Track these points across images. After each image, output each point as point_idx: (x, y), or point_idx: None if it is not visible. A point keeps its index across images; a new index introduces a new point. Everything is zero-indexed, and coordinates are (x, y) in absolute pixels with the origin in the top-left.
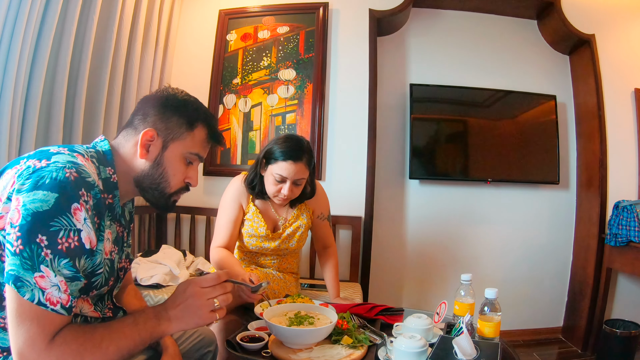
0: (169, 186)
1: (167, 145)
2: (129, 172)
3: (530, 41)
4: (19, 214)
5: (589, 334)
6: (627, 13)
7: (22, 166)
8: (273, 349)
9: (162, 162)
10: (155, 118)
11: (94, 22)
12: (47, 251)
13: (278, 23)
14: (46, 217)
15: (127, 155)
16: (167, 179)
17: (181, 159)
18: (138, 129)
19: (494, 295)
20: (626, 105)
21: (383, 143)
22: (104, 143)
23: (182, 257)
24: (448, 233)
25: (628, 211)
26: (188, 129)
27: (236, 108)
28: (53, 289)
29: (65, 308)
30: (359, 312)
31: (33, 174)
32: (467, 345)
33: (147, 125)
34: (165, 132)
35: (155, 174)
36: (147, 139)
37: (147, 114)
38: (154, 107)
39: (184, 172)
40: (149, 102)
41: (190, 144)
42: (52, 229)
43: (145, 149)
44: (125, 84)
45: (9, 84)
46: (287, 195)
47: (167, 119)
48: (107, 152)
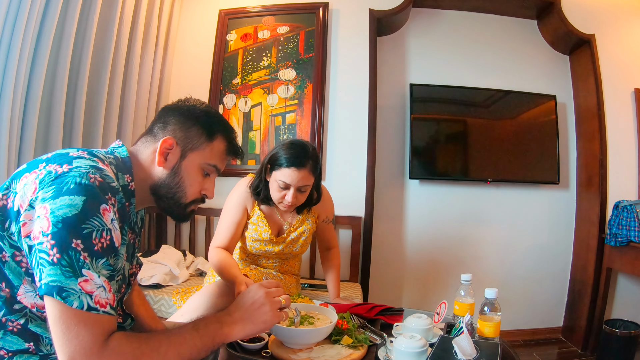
0: (184, 196)
1: (186, 155)
2: (145, 180)
3: (530, 41)
4: (48, 222)
5: (589, 334)
6: (627, 13)
7: (42, 171)
8: (273, 349)
9: (180, 171)
10: (175, 127)
11: (94, 22)
12: (85, 254)
13: (278, 23)
14: (77, 220)
15: (144, 163)
16: (183, 189)
17: (199, 170)
18: (157, 136)
19: (494, 295)
20: (626, 105)
21: (383, 143)
22: (122, 149)
23: (182, 257)
24: (448, 233)
25: (628, 211)
26: (207, 139)
27: (236, 108)
28: (99, 290)
29: (113, 308)
30: (359, 312)
31: (55, 180)
32: (467, 345)
33: (166, 133)
34: (185, 142)
35: (172, 183)
36: (166, 147)
37: (167, 123)
38: (174, 116)
39: (201, 182)
40: (169, 111)
41: (208, 155)
42: (84, 231)
43: (164, 157)
44: (125, 84)
45: (9, 84)
46: (292, 202)
47: (187, 128)
48: (125, 159)
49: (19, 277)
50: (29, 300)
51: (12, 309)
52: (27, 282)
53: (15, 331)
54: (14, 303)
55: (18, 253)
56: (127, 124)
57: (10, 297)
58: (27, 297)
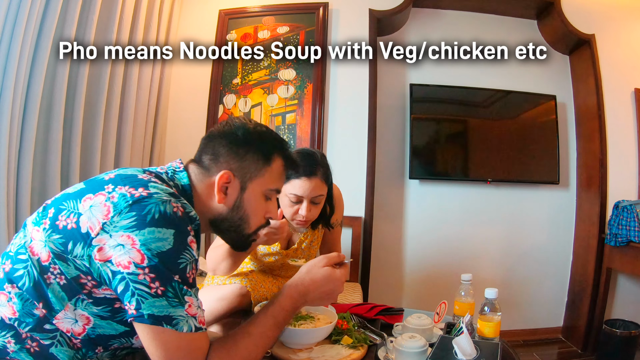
0: (248, 227)
1: (246, 187)
2: (204, 213)
3: (530, 41)
4: (142, 255)
5: (589, 334)
6: (627, 13)
7: (114, 194)
8: (273, 349)
9: (242, 204)
10: (228, 157)
11: (94, 22)
12: (185, 285)
13: (278, 23)
14: (172, 255)
15: (202, 196)
16: (247, 221)
17: (261, 197)
18: (211, 170)
19: (494, 295)
20: (626, 105)
21: (383, 143)
22: (183, 175)
23: None
24: (448, 233)
25: (628, 211)
26: (265, 164)
27: (236, 108)
28: (199, 310)
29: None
30: (359, 312)
31: (134, 205)
32: (467, 345)
33: (220, 167)
34: (242, 172)
35: (235, 217)
36: (224, 182)
37: (218, 154)
38: (224, 146)
39: (264, 208)
40: (217, 139)
41: (269, 180)
42: (181, 266)
43: (223, 193)
44: (126, 84)
45: (9, 84)
46: (306, 216)
47: (241, 157)
48: (186, 187)
49: (62, 302)
50: (66, 326)
51: (42, 328)
52: (69, 309)
53: (32, 351)
54: (45, 323)
55: (84, 276)
56: (128, 124)
57: (44, 317)
58: (65, 322)
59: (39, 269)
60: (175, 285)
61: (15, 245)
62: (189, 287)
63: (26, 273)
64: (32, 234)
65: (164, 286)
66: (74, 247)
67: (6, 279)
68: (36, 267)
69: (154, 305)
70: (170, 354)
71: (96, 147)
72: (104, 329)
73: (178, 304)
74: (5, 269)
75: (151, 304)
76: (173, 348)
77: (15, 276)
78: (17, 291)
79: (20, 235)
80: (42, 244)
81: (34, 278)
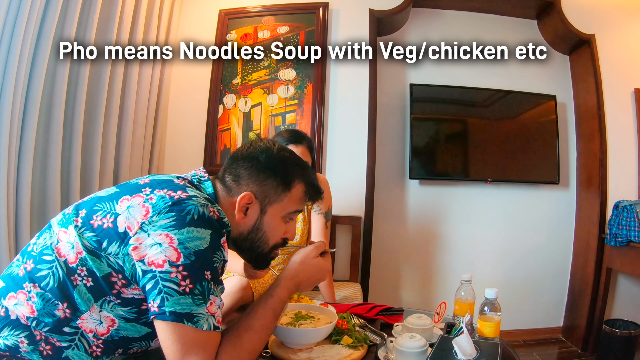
0: (267, 247)
1: (266, 210)
2: None
3: (530, 41)
4: (178, 253)
5: (589, 334)
6: (627, 13)
7: (152, 196)
8: (273, 349)
9: (262, 226)
10: (250, 180)
11: (94, 22)
12: (212, 283)
13: (278, 23)
14: (207, 254)
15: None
16: (267, 242)
17: (281, 220)
18: (232, 190)
19: (494, 295)
20: (626, 105)
21: (383, 143)
22: (207, 184)
23: None
24: (448, 233)
25: (628, 211)
26: (285, 189)
27: (236, 108)
28: (218, 310)
29: None
30: (359, 312)
31: (174, 206)
32: (467, 345)
33: (241, 188)
34: (262, 195)
35: (255, 238)
36: (245, 203)
37: (239, 176)
38: (246, 168)
39: (283, 229)
40: (240, 161)
41: (287, 205)
42: (214, 264)
43: (243, 213)
44: (126, 84)
45: (9, 84)
46: None
47: (261, 181)
48: (211, 196)
49: (88, 303)
50: (90, 326)
51: (61, 329)
52: (94, 310)
53: (44, 354)
54: (65, 325)
55: (115, 274)
56: (128, 124)
57: (65, 318)
58: (89, 322)
59: (66, 270)
60: (205, 284)
61: (39, 246)
62: (217, 285)
63: (51, 274)
64: (59, 235)
65: (193, 284)
66: (109, 245)
67: (27, 278)
68: (63, 268)
69: (178, 303)
70: (187, 348)
71: (96, 147)
72: (128, 331)
73: (202, 302)
74: (27, 268)
75: (176, 302)
76: (190, 343)
77: (38, 276)
78: (38, 291)
79: (46, 236)
80: (70, 245)
81: (59, 279)
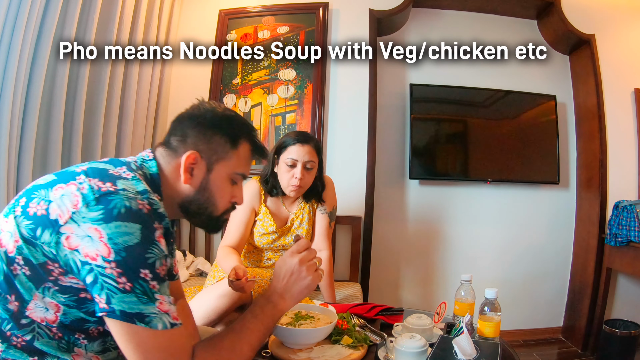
0: (216, 209)
1: (212, 168)
2: (173, 197)
3: (530, 41)
4: (108, 249)
5: (589, 334)
6: (627, 13)
7: (84, 185)
8: (273, 349)
9: (208, 186)
10: (196, 139)
11: (94, 22)
12: (154, 283)
13: (278, 23)
14: (139, 249)
15: (170, 179)
16: (214, 202)
17: (227, 180)
18: (178, 151)
19: (494, 295)
20: (626, 105)
21: (383, 143)
22: (152, 164)
23: (182, 257)
24: (448, 233)
25: (628, 211)
26: (232, 147)
27: (236, 108)
28: (171, 306)
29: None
30: (359, 312)
31: (101, 198)
32: (467, 345)
33: (187, 147)
34: (209, 154)
35: (202, 199)
36: (190, 163)
37: (186, 135)
38: (192, 127)
39: (230, 192)
40: (186, 121)
41: (235, 164)
42: (149, 260)
43: (189, 173)
44: (126, 84)
45: (9, 84)
46: (300, 178)
47: (208, 139)
48: (155, 176)
49: (30, 292)
50: (39, 315)
51: (20, 323)
52: (38, 298)
53: (19, 347)
54: (21, 317)
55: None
56: (127, 124)
57: (17, 311)
58: (37, 311)
59: (6, 260)
60: (143, 282)
61: None
62: (160, 283)
63: None
64: (2, 225)
65: (131, 282)
66: (42, 233)
67: None
68: (4, 259)
69: (123, 301)
70: (150, 355)
71: (96, 147)
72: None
73: (148, 300)
74: None
75: (121, 300)
76: (152, 349)
77: None
78: None
79: None
80: (10, 234)
81: (3, 271)
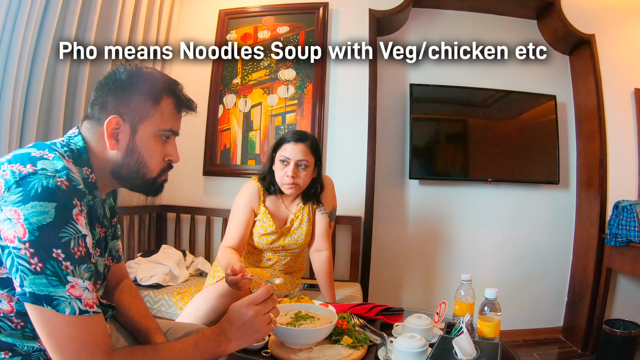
0: (149, 170)
1: (136, 129)
2: (104, 167)
3: (530, 41)
4: (23, 229)
5: (589, 334)
6: (627, 13)
7: (6, 171)
8: (273, 349)
9: (135, 147)
10: (116, 103)
11: (94, 22)
12: (67, 263)
13: (278, 23)
14: (53, 228)
15: (97, 150)
16: (145, 164)
17: (155, 139)
18: (101, 119)
19: (494, 295)
20: (626, 105)
21: (383, 143)
22: (78, 139)
23: (182, 257)
24: (448, 233)
25: (628, 211)
26: (153, 104)
27: (236, 108)
28: (85, 292)
29: (98, 306)
30: (359, 312)
31: (21, 181)
32: (467, 345)
33: (108, 113)
34: (131, 115)
35: (131, 162)
36: (113, 128)
37: (106, 102)
38: (111, 92)
39: (162, 151)
40: (104, 87)
41: (160, 121)
42: (63, 240)
43: (114, 139)
44: None
45: (9, 84)
46: (292, 176)
47: (127, 100)
48: (81, 150)
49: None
50: None
51: None
52: None
53: None
54: None
55: None
56: None
57: None
58: None
59: None
60: (54, 263)
61: None
62: (74, 265)
63: None
64: None
65: (43, 263)
66: None
67: None
68: None
69: (34, 283)
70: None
71: None
72: None
73: (58, 283)
74: None
75: (32, 281)
76: (64, 337)
77: None
78: None
79: None
80: None
81: None
